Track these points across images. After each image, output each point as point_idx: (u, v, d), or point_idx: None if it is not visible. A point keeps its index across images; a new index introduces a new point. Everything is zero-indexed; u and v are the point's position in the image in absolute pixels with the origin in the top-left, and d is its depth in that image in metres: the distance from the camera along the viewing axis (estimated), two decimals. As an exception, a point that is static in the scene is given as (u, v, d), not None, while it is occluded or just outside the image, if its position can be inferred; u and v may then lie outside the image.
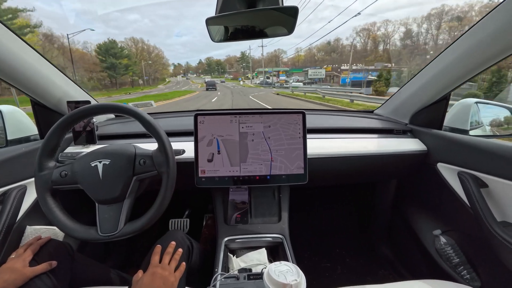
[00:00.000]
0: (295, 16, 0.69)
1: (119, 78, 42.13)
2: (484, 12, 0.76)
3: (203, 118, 0.92)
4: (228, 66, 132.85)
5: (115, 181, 0.70)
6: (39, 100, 0.98)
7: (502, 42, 0.73)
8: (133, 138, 1.08)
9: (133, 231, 0.68)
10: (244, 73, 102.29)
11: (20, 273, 0.61)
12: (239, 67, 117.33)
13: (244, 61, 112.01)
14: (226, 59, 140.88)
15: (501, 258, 0.79)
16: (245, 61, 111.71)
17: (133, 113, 0.72)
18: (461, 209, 0.92)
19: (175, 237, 0.83)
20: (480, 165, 0.85)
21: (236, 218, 1.00)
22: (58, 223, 0.68)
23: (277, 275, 0.56)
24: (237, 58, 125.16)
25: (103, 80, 40.92)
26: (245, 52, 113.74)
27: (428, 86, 1.04)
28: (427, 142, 1.09)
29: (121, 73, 41.58)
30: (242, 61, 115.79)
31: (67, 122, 0.71)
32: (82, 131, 1.03)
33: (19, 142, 1.00)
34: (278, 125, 0.94)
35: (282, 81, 44.02)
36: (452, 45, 0.88)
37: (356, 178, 1.27)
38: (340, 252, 1.53)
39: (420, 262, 1.16)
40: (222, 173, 0.92)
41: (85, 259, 0.83)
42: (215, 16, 0.70)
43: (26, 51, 0.83)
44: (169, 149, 0.71)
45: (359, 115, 1.41)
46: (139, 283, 0.64)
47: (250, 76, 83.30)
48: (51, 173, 0.69)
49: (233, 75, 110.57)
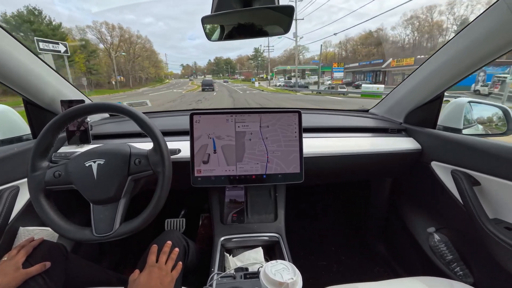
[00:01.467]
0: (291, 15, 0.69)
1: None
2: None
3: (199, 117, 0.92)
4: (239, 66, 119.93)
5: (110, 181, 0.69)
6: (32, 99, 0.96)
7: (494, 43, 0.74)
8: (128, 137, 1.07)
9: (129, 231, 0.67)
10: (257, 73, 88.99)
11: (12, 276, 0.60)
12: (251, 65, 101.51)
13: (258, 59, 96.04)
14: (238, 59, 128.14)
15: (493, 255, 0.80)
16: (258, 58, 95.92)
17: (128, 112, 0.71)
18: (454, 207, 0.94)
19: (171, 237, 0.82)
20: (473, 163, 0.87)
21: (232, 217, 1.00)
22: (52, 224, 0.67)
23: (274, 273, 0.56)
24: (250, 56, 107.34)
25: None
26: (259, 49, 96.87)
27: (422, 86, 1.05)
28: (421, 141, 1.10)
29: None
30: (255, 59, 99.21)
31: (60, 121, 0.70)
32: (76, 131, 1.02)
33: (11, 142, 0.98)
34: (277, 126, 0.94)
35: (338, 81, 28.01)
36: (445, 45, 0.90)
37: (352, 176, 1.28)
38: (336, 250, 1.54)
39: (415, 260, 1.18)
40: (218, 172, 0.92)
41: (79, 260, 0.82)
42: (211, 14, 0.70)
43: (18, 49, 0.82)
44: (165, 148, 0.71)
45: (355, 114, 1.42)
46: (136, 282, 0.63)
47: (266, 76, 63.43)
48: (44, 173, 0.68)
49: (245, 75, 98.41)
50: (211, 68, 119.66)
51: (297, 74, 36.27)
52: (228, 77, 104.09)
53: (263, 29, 0.75)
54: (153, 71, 58.46)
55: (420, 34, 49.35)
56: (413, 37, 50.76)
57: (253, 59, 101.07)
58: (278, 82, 40.27)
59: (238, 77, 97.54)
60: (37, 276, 0.64)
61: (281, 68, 50.15)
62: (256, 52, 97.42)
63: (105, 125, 1.21)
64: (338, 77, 31.02)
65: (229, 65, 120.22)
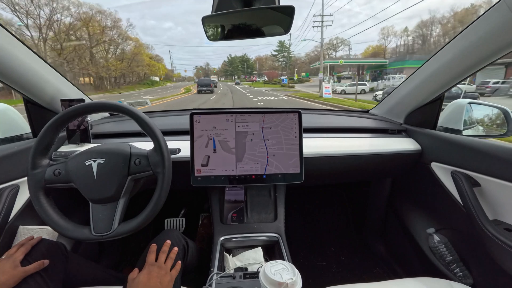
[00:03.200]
0: (291, 15, 0.69)
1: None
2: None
3: (199, 117, 0.92)
4: (259, 66, 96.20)
5: (109, 181, 0.69)
6: (32, 98, 0.96)
7: (494, 44, 0.74)
8: (128, 137, 1.07)
9: (127, 231, 0.67)
10: (287, 73, 58.52)
11: (10, 274, 0.60)
12: (276, 64, 71.76)
13: (284, 53, 68.02)
14: (256, 59, 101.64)
15: (493, 256, 0.80)
16: (284, 53, 67.95)
17: (128, 111, 0.71)
18: (454, 208, 0.94)
19: (170, 236, 0.82)
20: (473, 164, 0.87)
21: (232, 217, 1.00)
22: (51, 223, 0.67)
23: (273, 274, 0.56)
24: (274, 50, 73.85)
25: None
26: (284, 42, 65.71)
27: (422, 87, 1.05)
28: (421, 141, 1.10)
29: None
30: (279, 52, 69.28)
31: (60, 120, 0.70)
32: (76, 130, 1.02)
33: (11, 141, 0.98)
34: (280, 128, 0.94)
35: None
36: (445, 46, 0.89)
37: (351, 177, 1.28)
38: (336, 251, 1.54)
39: (414, 260, 1.18)
40: (218, 172, 0.92)
41: (79, 259, 0.82)
42: (211, 14, 0.70)
43: (18, 47, 0.82)
44: (165, 148, 0.71)
45: (355, 115, 1.42)
46: (136, 281, 0.63)
47: (298, 77, 46.41)
48: (44, 171, 0.68)
49: (268, 74, 69.61)
50: (224, 69, 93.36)
51: (352, 73, 26.81)
52: (244, 79, 78.37)
53: (264, 29, 0.75)
54: (141, 70, 43.23)
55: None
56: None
57: (278, 54, 70.00)
58: (341, 86, 21.62)
59: (259, 79, 70.36)
60: (36, 275, 0.64)
61: (328, 63, 26.95)
62: (281, 47, 66.79)
63: (105, 124, 1.21)
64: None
65: (245, 64, 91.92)
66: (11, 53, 0.79)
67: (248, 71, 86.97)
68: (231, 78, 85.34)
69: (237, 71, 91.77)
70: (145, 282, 0.63)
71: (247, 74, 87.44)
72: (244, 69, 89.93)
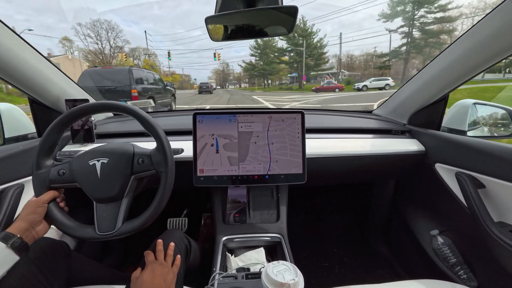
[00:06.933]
0: (295, 15, 0.69)
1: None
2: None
3: (202, 117, 0.92)
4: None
5: (113, 180, 0.69)
6: (37, 98, 0.98)
7: (499, 44, 0.73)
8: (131, 137, 1.08)
9: (131, 230, 0.68)
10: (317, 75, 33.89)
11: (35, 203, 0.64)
12: (295, 63, 32.86)
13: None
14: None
15: (498, 258, 0.79)
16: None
17: (131, 111, 0.71)
18: (458, 210, 0.93)
19: (173, 236, 0.83)
20: (477, 166, 0.86)
21: (234, 217, 1.00)
22: (56, 222, 0.67)
23: (275, 274, 0.56)
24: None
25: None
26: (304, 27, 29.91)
27: (426, 87, 1.05)
28: (425, 142, 1.09)
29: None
30: (291, 43, 31.27)
31: (65, 120, 0.71)
32: (80, 130, 1.03)
33: (16, 140, 0.99)
34: (286, 132, 0.94)
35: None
36: (450, 46, 0.89)
37: (355, 178, 1.27)
38: (338, 252, 1.53)
39: (418, 262, 1.17)
40: (221, 172, 0.92)
41: (82, 258, 0.82)
42: (215, 15, 0.70)
43: (23, 48, 0.83)
44: (168, 148, 0.71)
45: (358, 115, 1.42)
46: (140, 280, 0.63)
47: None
48: (49, 171, 0.69)
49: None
50: (248, 71, 44.32)
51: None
52: (296, 85, 33.48)
53: (267, 29, 0.75)
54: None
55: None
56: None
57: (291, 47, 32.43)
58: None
59: (332, 81, 26.91)
60: (39, 274, 0.65)
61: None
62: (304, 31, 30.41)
63: (109, 124, 1.22)
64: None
65: (304, 44, 30.53)
66: (17, 54, 0.80)
67: (315, 63, 34.50)
68: (259, 86, 45.06)
69: (272, 72, 40.41)
70: (149, 280, 0.63)
71: (310, 70, 35.29)
72: (265, 74, 41.89)
